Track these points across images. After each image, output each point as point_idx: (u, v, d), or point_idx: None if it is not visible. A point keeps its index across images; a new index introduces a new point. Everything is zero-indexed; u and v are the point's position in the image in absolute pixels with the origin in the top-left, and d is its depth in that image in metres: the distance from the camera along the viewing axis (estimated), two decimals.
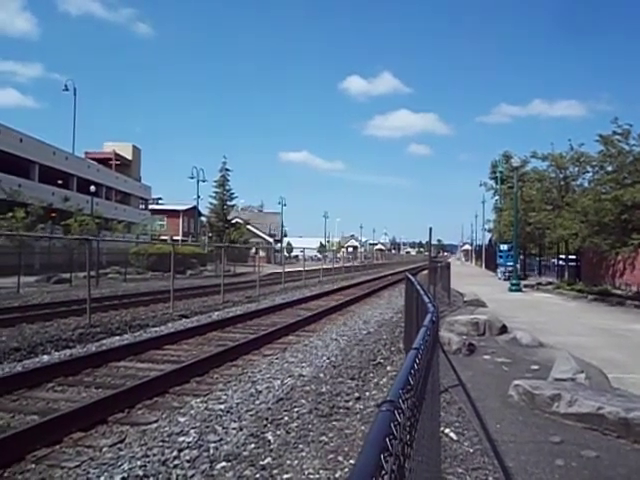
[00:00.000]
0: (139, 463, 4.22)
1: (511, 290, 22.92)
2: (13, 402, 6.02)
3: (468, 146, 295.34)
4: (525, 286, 24.65)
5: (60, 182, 43.88)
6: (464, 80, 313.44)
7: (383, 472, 0.89)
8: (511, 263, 28.94)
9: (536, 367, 7.69)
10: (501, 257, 34.92)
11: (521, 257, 35.90)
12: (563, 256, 29.18)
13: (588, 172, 25.23)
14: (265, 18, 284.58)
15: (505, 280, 29.57)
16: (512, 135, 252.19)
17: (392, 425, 1.03)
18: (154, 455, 4.41)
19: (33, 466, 4.25)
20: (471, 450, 4.58)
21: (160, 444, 4.66)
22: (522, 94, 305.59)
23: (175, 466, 4.23)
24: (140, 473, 4.04)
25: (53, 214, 37.24)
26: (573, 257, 27.70)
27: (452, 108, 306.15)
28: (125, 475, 3.98)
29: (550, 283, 26.53)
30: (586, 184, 25.70)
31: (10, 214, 29.05)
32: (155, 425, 5.26)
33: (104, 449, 4.62)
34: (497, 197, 46.10)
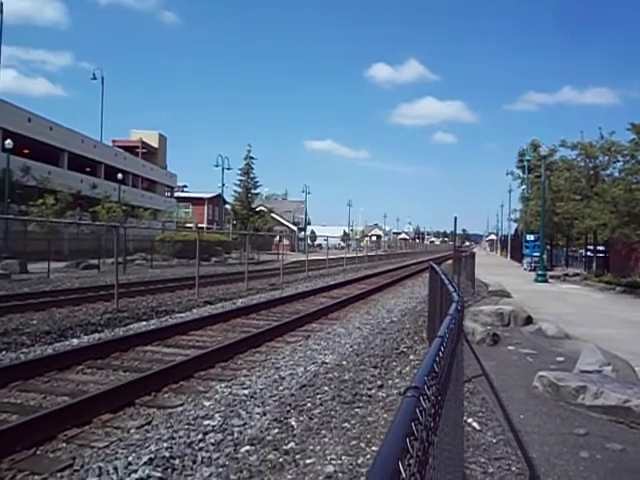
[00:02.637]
0: (165, 445, 4.32)
1: (537, 281, 22.63)
2: (45, 383, 6.19)
3: (495, 134, 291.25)
4: (551, 277, 24.30)
5: (88, 169, 44.64)
6: (492, 67, 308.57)
7: (408, 456, 0.90)
8: (537, 253, 28.51)
9: (561, 359, 7.61)
10: (527, 247, 34.43)
11: (547, 248, 35.31)
12: (591, 247, 28.64)
13: (619, 161, 24.66)
14: (291, 6, 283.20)
15: (531, 271, 29.19)
16: (540, 123, 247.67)
17: (417, 411, 1.04)
18: (180, 437, 4.50)
19: (64, 445, 4.38)
20: (494, 440, 4.57)
21: (186, 427, 4.76)
22: (551, 81, 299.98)
23: (200, 449, 4.32)
24: (166, 454, 4.13)
25: (81, 201, 37.92)
26: (601, 248, 27.17)
27: (479, 96, 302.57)
28: (152, 456, 4.08)
29: (577, 274, 26.10)
30: (616, 174, 25.13)
31: (40, 201, 29.68)
32: (181, 408, 5.36)
33: (132, 430, 4.73)
34: (524, 186, 45.36)
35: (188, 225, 52.08)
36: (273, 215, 64.68)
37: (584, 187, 26.64)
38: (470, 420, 4.96)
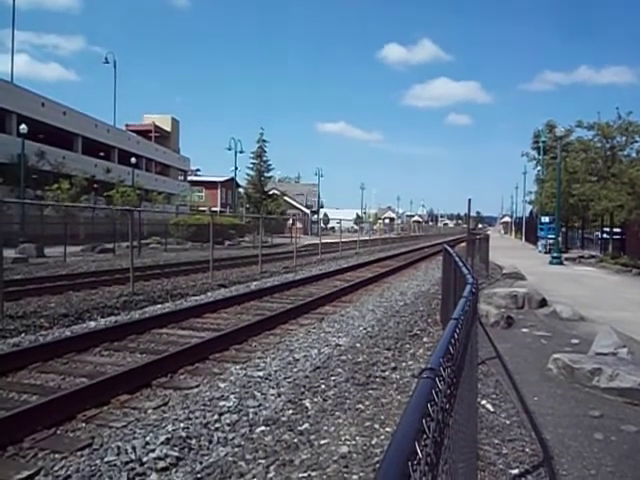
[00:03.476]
0: (182, 425, 4.39)
1: (552, 263, 22.45)
2: (63, 365, 6.30)
3: (510, 115, 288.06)
4: (566, 259, 24.09)
5: (102, 154, 44.87)
6: (507, 46, 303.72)
7: (424, 436, 0.91)
8: (552, 236, 28.24)
9: (576, 341, 7.57)
10: (542, 229, 34.14)
11: (563, 230, 34.96)
12: (607, 229, 28.30)
13: (636, 142, 24.27)
14: None
15: (546, 253, 28.95)
16: (556, 103, 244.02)
17: (433, 392, 1.05)
18: (196, 418, 4.57)
19: (83, 425, 4.47)
20: (508, 422, 4.58)
21: (202, 408, 4.83)
22: (567, 60, 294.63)
23: (216, 429, 4.38)
24: (183, 434, 4.20)
25: (96, 185, 38.20)
26: (618, 230, 26.83)
27: (494, 76, 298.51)
28: (169, 436, 4.15)
29: (593, 256, 25.84)
30: (634, 154, 24.74)
31: (55, 185, 29.94)
32: (196, 390, 5.44)
33: (149, 411, 4.82)
34: (539, 168, 44.80)
35: (201, 209, 52.30)
36: (286, 198, 64.60)
37: (601, 168, 26.24)
38: (484, 402, 4.97)
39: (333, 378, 5.87)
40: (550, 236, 30.27)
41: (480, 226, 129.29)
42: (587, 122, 26.83)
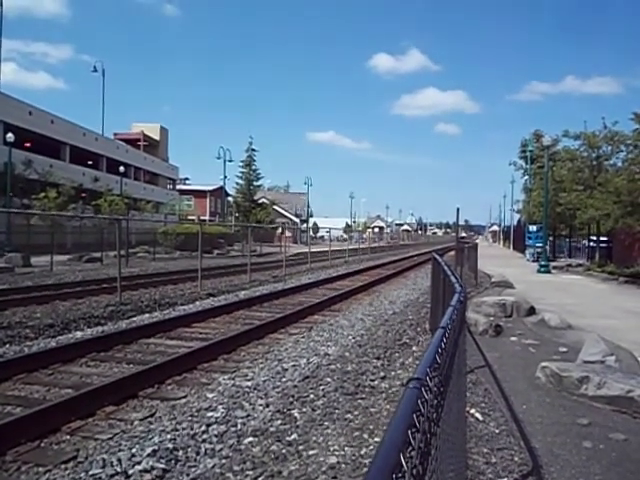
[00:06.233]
0: (169, 437, 4.33)
1: (540, 272, 22.61)
2: (48, 376, 6.21)
3: (498, 125, 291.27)
4: (554, 268, 24.28)
5: (90, 163, 44.58)
6: (495, 56, 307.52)
7: (410, 448, 0.89)
8: (540, 244, 28.45)
9: (564, 349, 7.60)
10: (530, 238, 34.39)
11: (550, 238, 35.24)
12: (594, 237, 28.57)
13: (622, 151, 24.54)
14: None
15: (534, 261, 29.17)
16: (543, 113, 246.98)
17: (419, 402, 1.03)
18: (183, 429, 4.51)
19: (68, 437, 4.39)
20: (497, 431, 4.58)
21: (189, 419, 4.77)
22: (554, 70, 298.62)
23: (204, 440, 4.33)
24: (170, 446, 4.14)
25: (83, 194, 37.94)
26: (604, 238, 27.10)
27: (482, 86, 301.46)
28: (156, 448, 4.09)
29: (580, 265, 26.06)
30: (619, 164, 25.02)
31: (42, 194, 29.67)
32: (184, 400, 5.38)
33: (135, 422, 4.75)
34: (527, 177, 45.26)
35: (190, 217, 52.10)
36: (275, 207, 64.51)
37: (587, 177, 26.50)
38: (473, 411, 4.96)
39: (322, 388, 5.83)
40: (538, 245, 30.51)
41: (464, 234, 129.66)
42: (573, 132, 27.17)
